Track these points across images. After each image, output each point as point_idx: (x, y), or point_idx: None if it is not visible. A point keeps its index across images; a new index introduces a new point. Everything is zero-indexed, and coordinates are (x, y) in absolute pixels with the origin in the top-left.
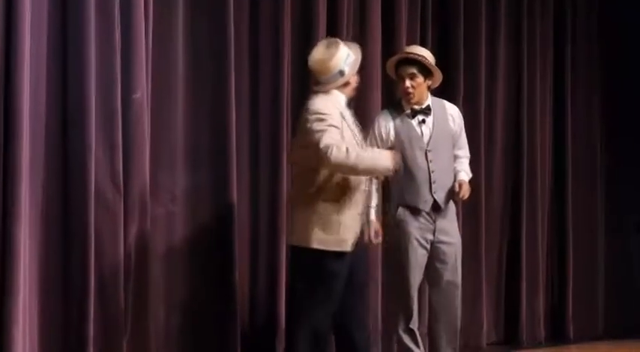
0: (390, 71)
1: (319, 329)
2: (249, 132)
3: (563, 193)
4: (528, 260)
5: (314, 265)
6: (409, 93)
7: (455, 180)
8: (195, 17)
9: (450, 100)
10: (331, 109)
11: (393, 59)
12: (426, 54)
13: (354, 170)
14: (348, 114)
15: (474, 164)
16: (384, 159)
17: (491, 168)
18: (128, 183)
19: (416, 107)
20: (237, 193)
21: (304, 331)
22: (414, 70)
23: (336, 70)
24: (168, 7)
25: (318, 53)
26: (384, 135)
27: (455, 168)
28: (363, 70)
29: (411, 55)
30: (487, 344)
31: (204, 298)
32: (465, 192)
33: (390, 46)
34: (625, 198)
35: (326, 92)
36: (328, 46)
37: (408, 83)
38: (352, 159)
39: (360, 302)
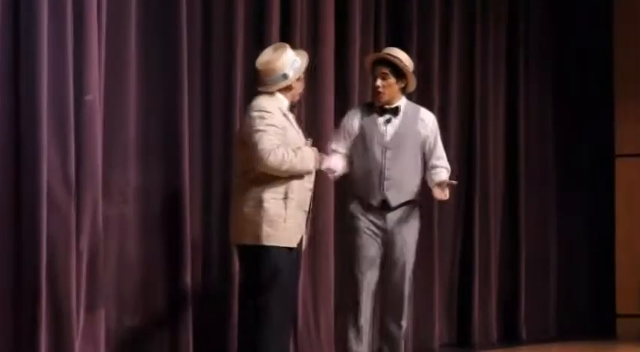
0: (368, 69)
1: (282, 328)
2: (201, 133)
3: (515, 195)
4: (481, 262)
5: (267, 262)
6: (379, 93)
7: (434, 183)
8: (147, 18)
9: None
10: (274, 109)
11: (370, 58)
12: (402, 57)
13: (287, 173)
14: (291, 116)
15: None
16: (310, 161)
17: None
18: (80, 185)
19: (385, 106)
20: (189, 193)
21: (268, 330)
22: (387, 71)
23: (280, 73)
24: (120, 8)
25: (265, 55)
26: (349, 129)
27: (430, 176)
28: (315, 74)
29: (385, 56)
30: (439, 346)
31: (156, 298)
32: (445, 192)
33: (342, 51)
34: (576, 200)
35: (269, 93)
36: (276, 49)
37: (379, 82)
38: (286, 165)
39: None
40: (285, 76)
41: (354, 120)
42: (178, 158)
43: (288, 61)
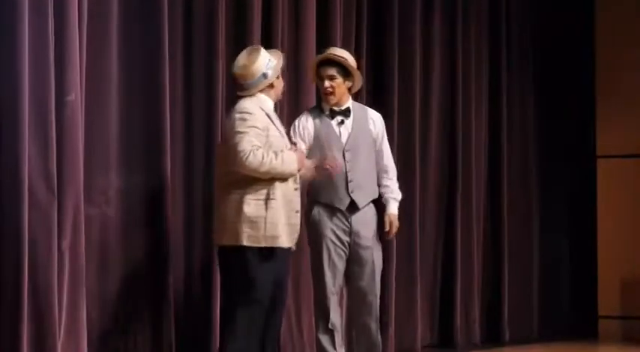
0: (312, 72)
1: (257, 331)
2: (183, 134)
3: (498, 196)
4: (463, 262)
5: (245, 263)
6: (328, 94)
7: (385, 212)
8: (129, 19)
9: (384, 107)
10: (256, 110)
11: (315, 60)
12: (346, 56)
13: (267, 175)
14: (275, 116)
15: (409, 167)
16: (292, 163)
17: (427, 170)
18: (62, 185)
19: (335, 108)
20: (171, 194)
21: (241, 333)
22: (334, 72)
23: (259, 74)
24: (102, 8)
25: (241, 60)
26: (302, 134)
27: (383, 196)
28: (296, 77)
29: (331, 56)
30: (422, 347)
31: (138, 300)
32: (394, 229)
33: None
34: (558, 201)
35: (252, 95)
36: (250, 53)
37: (327, 83)
38: (266, 166)
39: (278, 303)
40: (265, 76)
41: (307, 126)
42: (160, 158)
43: (265, 61)
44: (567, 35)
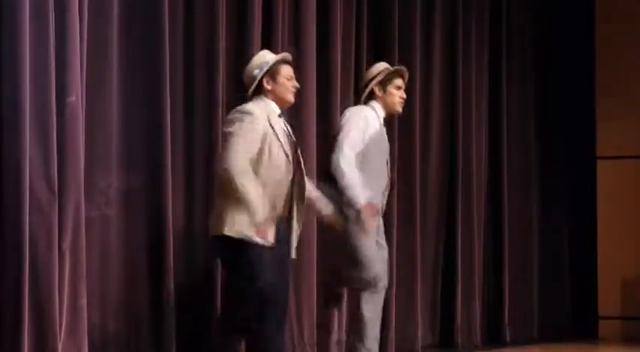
0: (389, 78)
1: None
2: (183, 135)
3: (498, 197)
4: (464, 263)
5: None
6: (402, 104)
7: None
8: (129, 19)
9: None
10: (257, 111)
11: (394, 68)
12: None
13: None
14: (278, 121)
15: (409, 167)
16: (258, 214)
17: (427, 172)
18: (62, 185)
19: (386, 117)
20: (172, 196)
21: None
22: None
23: (251, 75)
24: (102, 10)
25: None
26: (369, 132)
27: None
28: (297, 74)
29: (405, 71)
30: (422, 348)
31: (139, 300)
32: None
33: (324, 51)
34: (558, 203)
35: (257, 98)
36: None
37: (404, 95)
38: (238, 190)
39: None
40: (253, 78)
41: (377, 126)
42: (160, 159)
43: (257, 62)
44: (567, 35)
